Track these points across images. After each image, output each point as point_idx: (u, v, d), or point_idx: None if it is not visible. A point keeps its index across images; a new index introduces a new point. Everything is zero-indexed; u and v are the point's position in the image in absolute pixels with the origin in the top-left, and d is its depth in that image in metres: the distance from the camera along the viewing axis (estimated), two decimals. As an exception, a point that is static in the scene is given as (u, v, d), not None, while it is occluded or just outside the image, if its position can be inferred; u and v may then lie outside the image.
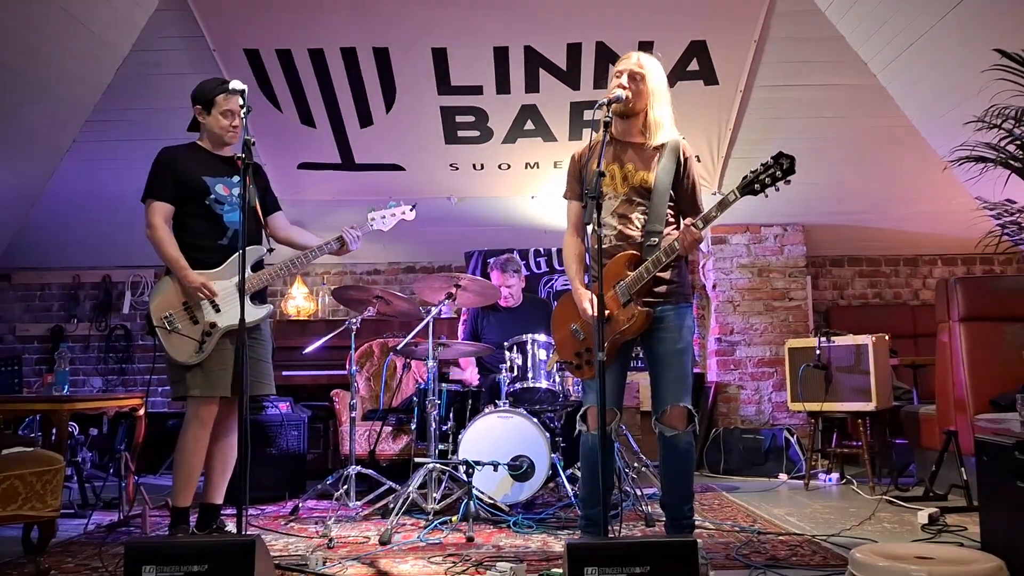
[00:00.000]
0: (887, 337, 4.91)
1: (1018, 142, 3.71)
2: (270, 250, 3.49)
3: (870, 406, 4.71)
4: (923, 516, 3.68)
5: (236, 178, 3.41)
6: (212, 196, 3.35)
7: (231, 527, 3.45)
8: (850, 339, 4.87)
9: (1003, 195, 4.11)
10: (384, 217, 3.61)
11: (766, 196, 2.79)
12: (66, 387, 4.15)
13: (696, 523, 3.77)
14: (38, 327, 7.01)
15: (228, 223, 3.39)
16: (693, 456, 2.99)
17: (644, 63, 2.97)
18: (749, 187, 2.77)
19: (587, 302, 2.89)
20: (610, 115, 2.76)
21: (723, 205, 2.78)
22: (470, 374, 5.06)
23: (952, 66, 4.60)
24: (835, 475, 5.17)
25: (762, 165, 2.77)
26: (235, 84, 2.99)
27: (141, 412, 4.44)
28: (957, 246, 6.76)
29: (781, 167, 2.73)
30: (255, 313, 3.34)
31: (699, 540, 2.22)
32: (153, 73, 5.00)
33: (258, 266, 3.45)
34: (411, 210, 3.66)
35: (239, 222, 3.33)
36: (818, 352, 4.92)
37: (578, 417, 2.99)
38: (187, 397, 3.26)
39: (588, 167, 2.86)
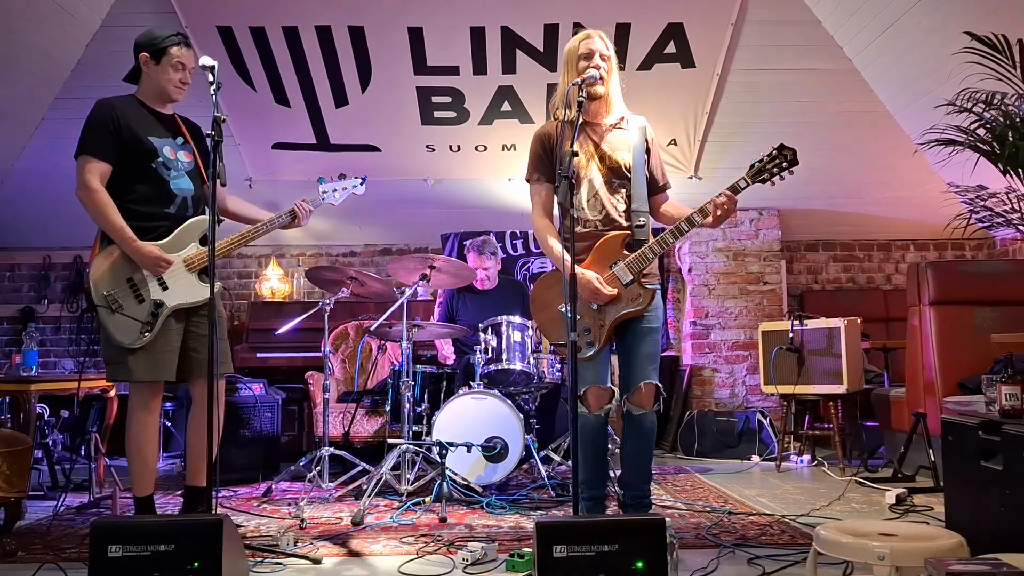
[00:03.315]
0: (859, 320, 4.96)
1: (988, 126, 3.74)
2: (219, 220, 3.19)
3: (841, 389, 4.76)
4: (891, 496, 3.74)
5: (180, 139, 3.18)
6: (160, 159, 3.09)
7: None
8: (822, 322, 4.91)
9: (971, 179, 4.15)
10: (335, 191, 3.46)
11: (772, 185, 2.86)
12: (34, 367, 4.10)
13: (668, 503, 3.83)
14: (8, 308, 6.91)
15: (175, 190, 3.12)
16: (654, 437, 3.05)
17: (607, 42, 2.99)
18: (759, 176, 2.83)
19: (596, 282, 2.84)
20: (583, 95, 2.75)
21: (735, 191, 2.81)
22: (447, 351, 5.05)
23: (926, 51, 4.63)
24: (807, 457, 5.23)
25: (767, 155, 2.83)
26: (204, 60, 2.90)
27: (112, 393, 4.40)
28: (930, 231, 6.83)
29: (785, 158, 2.82)
30: (205, 291, 3.04)
31: (668, 519, 2.23)
32: (124, 50, 4.80)
33: (205, 239, 3.08)
34: (361, 184, 3.53)
35: (188, 189, 3.13)
36: (791, 335, 4.96)
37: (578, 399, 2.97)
38: (129, 381, 3.05)
39: (561, 148, 2.86)
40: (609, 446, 4.46)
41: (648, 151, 3.05)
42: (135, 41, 3.15)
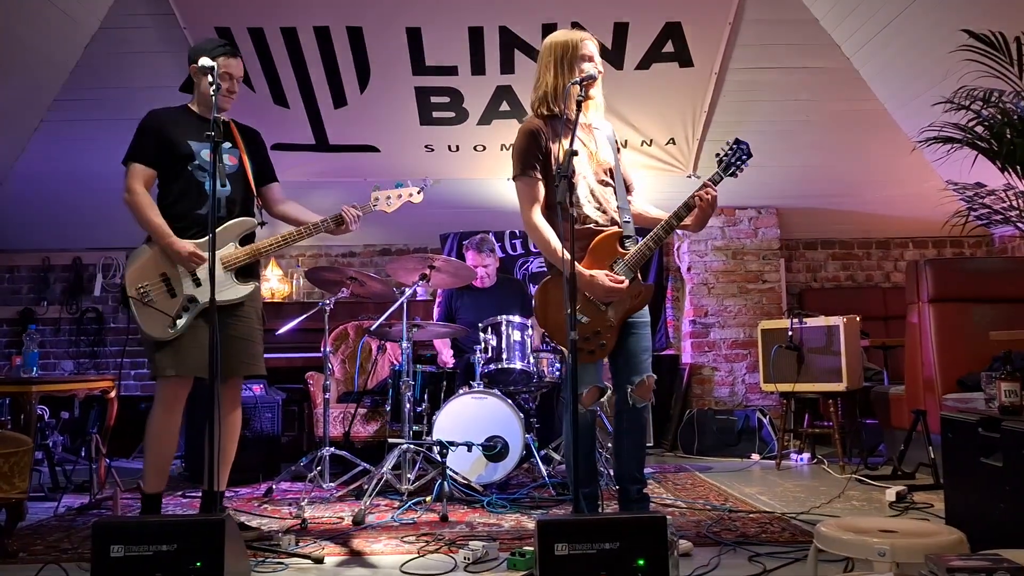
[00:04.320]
0: (858, 318, 4.96)
1: (986, 123, 3.75)
2: (262, 223, 3.27)
3: (841, 387, 4.77)
4: (891, 494, 3.75)
5: (227, 144, 3.23)
6: (196, 162, 3.15)
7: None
8: (821, 320, 4.92)
9: (970, 176, 4.15)
10: (389, 198, 3.36)
11: (735, 176, 2.96)
12: (35, 369, 4.10)
13: (668, 502, 3.84)
14: (7, 310, 6.90)
15: (210, 192, 3.06)
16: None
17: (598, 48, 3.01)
18: (727, 170, 2.92)
19: (608, 280, 2.82)
20: (582, 94, 2.76)
21: (714, 183, 2.90)
22: (447, 355, 5.05)
23: (923, 48, 4.63)
24: (806, 455, 5.24)
25: (730, 149, 2.91)
26: (203, 61, 2.93)
27: (112, 395, 4.40)
28: (928, 229, 6.83)
29: (743, 151, 2.90)
30: (239, 290, 3.16)
31: (668, 517, 2.24)
32: (122, 51, 4.92)
33: (246, 240, 3.23)
34: (419, 192, 3.40)
35: (223, 191, 3.16)
36: (790, 333, 4.97)
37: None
38: (156, 377, 3.09)
39: (552, 145, 2.89)
40: (609, 444, 4.51)
41: (619, 154, 3.12)
42: (188, 53, 3.23)
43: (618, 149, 3.12)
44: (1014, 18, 3.89)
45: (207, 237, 3.04)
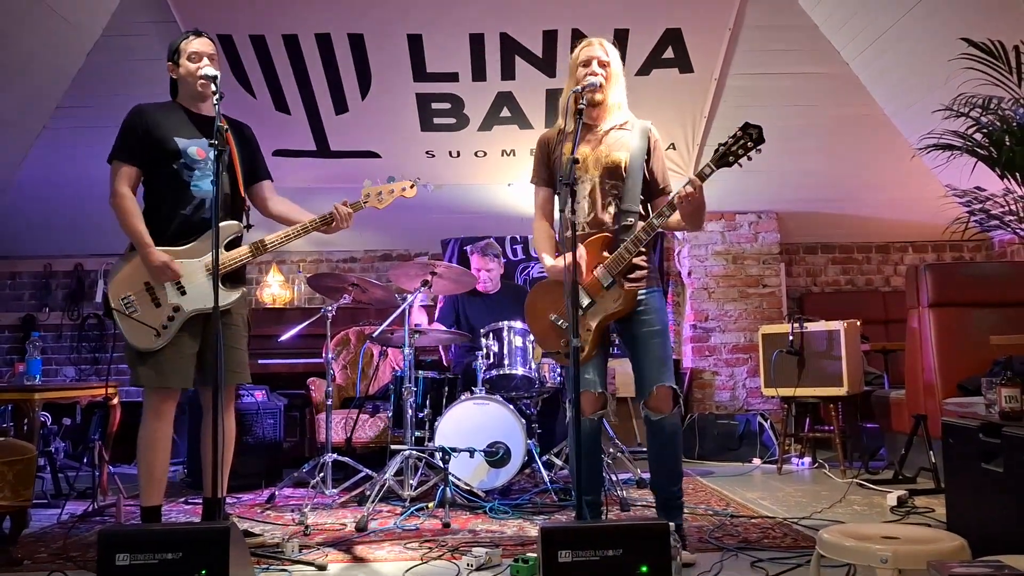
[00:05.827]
0: (858, 323, 4.97)
1: (984, 130, 3.76)
2: (248, 226, 3.15)
3: (842, 391, 4.78)
4: (892, 499, 3.75)
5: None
6: (182, 160, 3.01)
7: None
8: (822, 325, 4.93)
9: (969, 182, 4.17)
10: (380, 194, 3.25)
11: (740, 167, 2.86)
12: (38, 376, 4.10)
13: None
14: (9, 316, 6.92)
15: (195, 191, 3.02)
16: (680, 438, 3.00)
17: (608, 49, 3.01)
18: (723, 160, 2.82)
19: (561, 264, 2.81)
20: (584, 102, 2.77)
21: (701, 178, 2.82)
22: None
23: (922, 55, 4.65)
24: (807, 459, 5.25)
25: (732, 137, 2.82)
26: (207, 71, 2.95)
27: (115, 401, 4.40)
28: (928, 233, 6.85)
29: (751, 137, 2.79)
30: (227, 296, 3.03)
31: (671, 523, 2.24)
32: (125, 59, 4.94)
33: (233, 244, 3.09)
34: (412, 187, 3.29)
35: (209, 191, 3.01)
36: (791, 338, 4.98)
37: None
38: (139, 387, 3.01)
39: (561, 153, 2.89)
40: (611, 450, 4.53)
41: (650, 153, 3.04)
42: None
43: (648, 150, 3.03)
44: (1012, 26, 3.91)
45: (192, 243, 3.02)
